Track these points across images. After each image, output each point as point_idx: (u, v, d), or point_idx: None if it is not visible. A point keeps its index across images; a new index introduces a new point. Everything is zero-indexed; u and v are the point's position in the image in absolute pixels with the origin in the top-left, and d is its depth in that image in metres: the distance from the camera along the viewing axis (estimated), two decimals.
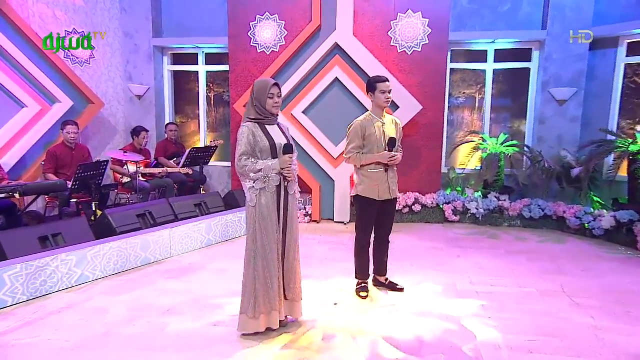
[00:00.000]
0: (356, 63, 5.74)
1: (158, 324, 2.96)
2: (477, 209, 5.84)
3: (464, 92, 7.06)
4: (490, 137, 6.31)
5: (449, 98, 6.96)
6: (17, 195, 3.86)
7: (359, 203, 3.45)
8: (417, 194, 6.02)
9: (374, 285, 3.68)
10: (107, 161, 4.83)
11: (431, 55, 5.90)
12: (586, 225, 5.28)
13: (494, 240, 5.17)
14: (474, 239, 5.21)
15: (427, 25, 5.83)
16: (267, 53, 6.18)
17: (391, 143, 3.29)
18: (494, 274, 4.01)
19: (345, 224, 5.90)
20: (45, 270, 3.41)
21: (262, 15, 6.12)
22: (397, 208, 5.83)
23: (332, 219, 5.98)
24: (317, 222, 5.93)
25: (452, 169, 6.41)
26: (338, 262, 4.27)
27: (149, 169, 6.01)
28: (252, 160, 2.69)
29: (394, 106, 5.73)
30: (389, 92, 3.33)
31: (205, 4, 6.89)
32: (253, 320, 2.72)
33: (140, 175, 5.90)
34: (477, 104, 6.87)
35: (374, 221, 3.46)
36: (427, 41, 5.89)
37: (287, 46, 6.00)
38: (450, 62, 6.65)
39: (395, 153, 3.33)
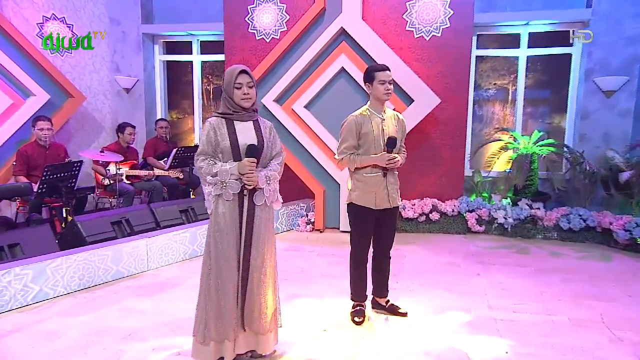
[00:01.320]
0: (365, 51, 5.50)
1: (113, 353, 2.81)
2: (505, 218, 5.53)
3: (494, 84, 6.76)
4: (523, 135, 5.98)
5: (476, 90, 6.66)
6: None
7: (353, 212, 3.24)
8: (435, 200, 5.75)
9: (373, 308, 3.46)
10: (80, 162, 4.75)
11: (453, 41, 5.62)
12: (638, 240, 4.91)
13: (523, 256, 4.86)
14: (500, 254, 4.91)
15: (449, 6, 5.56)
16: (267, 40, 6.02)
17: (391, 143, 3.07)
18: (518, 297, 3.73)
19: None
20: None
21: None
22: (412, 216, 5.63)
23: (338, 228, 5.77)
24: (321, 232, 5.73)
25: (477, 172, 6.11)
26: (337, 279, 4.05)
27: (135, 170, 5.93)
28: (211, 161, 2.52)
29: (408, 100, 5.47)
30: (390, 82, 3.11)
31: None
32: (203, 346, 2.54)
33: (124, 177, 5.84)
34: (510, 97, 6.55)
35: (371, 233, 3.25)
36: (448, 24, 5.62)
37: (288, 32, 5.82)
38: (477, 48, 6.36)
39: (396, 155, 3.11)
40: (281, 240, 5.36)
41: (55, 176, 4.39)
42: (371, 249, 3.31)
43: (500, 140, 5.94)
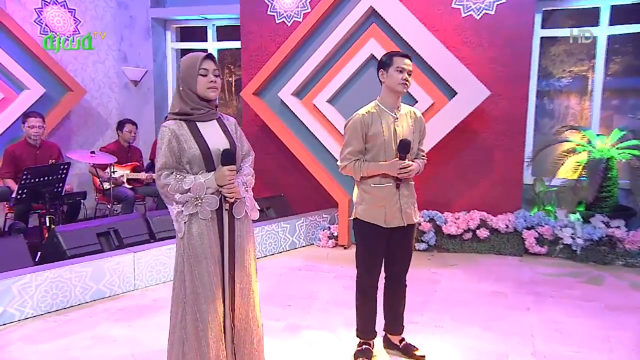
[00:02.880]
0: (399, 34, 5.23)
1: None
2: (573, 238, 5.08)
3: (570, 71, 6.28)
4: (598, 135, 5.48)
5: (546, 79, 6.21)
6: None
7: (358, 230, 3.02)
8: (484, 213, 5.38)
9: (385, 347, 3.24)
10: (68, 164, 4.78)
11: (510, 20, 5.25)
12: None
13: (593, 287, 4.42)
14: (562, 283, 4.50)
15: None
16: (288, 24, 5.88)
17: (403, 147, 2.83)
18: (576, 342, 3.35)
19: None
20: None
21: None
22: (455, 232, 5.30)
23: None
24: (345, 248, 5.51)
25: (539, 180, 5.67)
26: (348, 308, 3.81)
27: (136, 173, 5.95)
28: (178, 176, 2.34)
29: (450, 92, 5.14)
30: (409, 73, 2.88)
31: None
32: None
33: (125, 180, 5.86)
34: (590, 87, 6.06)
35: (380, 256, 3.03)
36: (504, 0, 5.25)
37: (309, 14, 5.64)
38: (542, 27, 5.91)
39: (410, 163, 2.85)
40: (296, 256, 5.19)
41: (37, 180, 4.43)
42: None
43: (568, 141, 5.46)
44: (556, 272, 4.81)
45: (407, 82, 2.88)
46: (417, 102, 5.22)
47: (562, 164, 5.30)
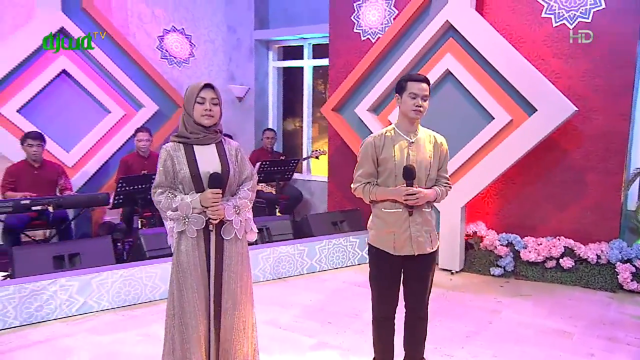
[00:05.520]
0: (476, 49, 4.80)
1: None
2: None
3: None
4: None
5: None
6: (50, 208, 4.38)
7: (370, 256, 2.83)
8: (571, 241, 4.72)
9: None
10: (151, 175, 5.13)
11: (609, 28, 4.57)
12: None
13: None
14: None
15: None
16: (373, 41, 5.74)
17: (408, 174, 2.58)
18: None
19: (453, 273, 5.00)
20: (42, 295, 3.75)
21: None
22: (535, 260, 4.73)
23: (437, 263, 5.12)
24: None
25: None
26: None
27: None
28: (170, 194, 2.43)
29: (532, 109, 4.57)
30: (424, 98, 2.65)
31: None
32: None
33: None
34: None
35: (394, 285, 2.79)
36: (602, 5, 4.58)
37: (386, 31, 5.44)
38: None
39: (417, 189, 2.58)
40: (360, 272, 5.00)
41: (131, 187, 4.83)
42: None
43: None
44: None
45: (420, 109, 2.64)
46: (493, 118, 4.75)
47: None
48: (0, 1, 5.50)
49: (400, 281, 2.79)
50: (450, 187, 2.82)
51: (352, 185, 2.84)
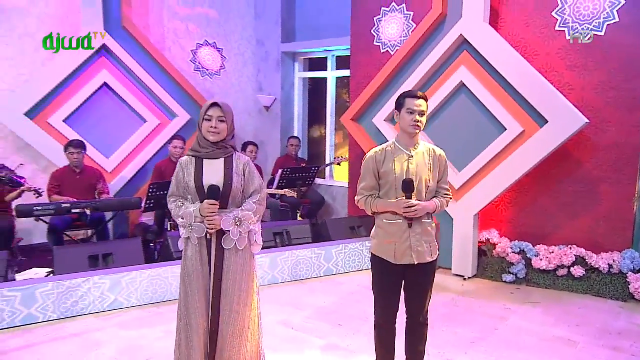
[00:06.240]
0: (488, 62, 4.87)
1: None
2: None
3: None
4: None
5: None
6: (87, 211, 4.71)
7: (372, 264, 2.96)
8: (582, 250, 4.72)
9: None
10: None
11: (622, 40, 4.57)
12: None
13: None
14: None
15: None
16: (392, 53, 5.85)
17: (406, 187, 2.70)
18: None
19: (465, 279, 5.07)
20: (77, 291, 4.06)
21: (388, 7, 5.85)
22: (546, 267, 4.77)
23: (450, 269, 5.21)
24: None
25: None
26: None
27: None
28: (179, 203, 2.67)
29: (542, 120, 4.61)
30: (421, 114, 2.77)
31: None
32: None
33: None
34: None
35: (395, 293, 2.91)
36: (615, 19, 4.57)
37: (403, 44, 5.57)
38: None
39: (416, 202, 2.71)
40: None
41: (161, 192, 5.12)
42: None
43: None
44: None
45: (417, 124, 2.77)
46: (505, 129, 4.81)
47: None
48: (51, 21, 5.89)
49: (401, 288, 2.90)
50: (450, 198, 2.93)
51: (355, 198, 2.98)
